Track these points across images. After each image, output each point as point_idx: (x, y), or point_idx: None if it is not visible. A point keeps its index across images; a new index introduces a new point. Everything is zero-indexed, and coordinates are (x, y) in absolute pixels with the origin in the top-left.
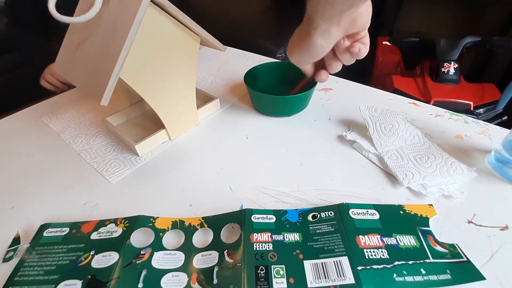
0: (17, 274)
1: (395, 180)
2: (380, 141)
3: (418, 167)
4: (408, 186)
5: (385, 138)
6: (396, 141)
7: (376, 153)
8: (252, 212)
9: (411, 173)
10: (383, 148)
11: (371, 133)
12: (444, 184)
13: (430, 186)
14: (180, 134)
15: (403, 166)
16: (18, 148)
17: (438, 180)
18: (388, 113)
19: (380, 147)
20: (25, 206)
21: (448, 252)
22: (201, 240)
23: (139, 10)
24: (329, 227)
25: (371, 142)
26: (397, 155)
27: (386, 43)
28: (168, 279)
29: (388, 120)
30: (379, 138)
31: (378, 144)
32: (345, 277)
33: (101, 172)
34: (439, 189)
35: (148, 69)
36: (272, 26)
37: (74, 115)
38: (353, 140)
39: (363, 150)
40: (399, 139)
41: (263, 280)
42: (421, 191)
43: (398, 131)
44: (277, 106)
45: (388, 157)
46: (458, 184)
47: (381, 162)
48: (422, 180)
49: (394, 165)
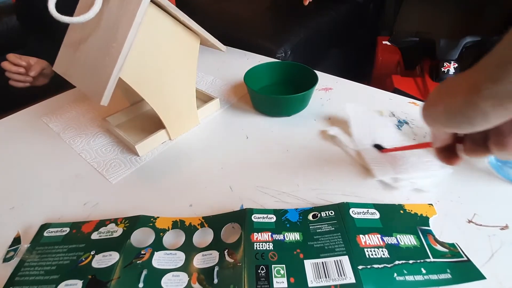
0: (18, 274)
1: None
2: (359, 137)
3: (392, 163)
4: (380, 179)
5: (364, 135)
6: (374, 139)
7: (354, 148)
8: (253, 211)
9: (386, 168)
10: (361, 145)
11: (352, 129)
12: (417, 178)
13: (403, 179)
14: (180, 134)
15: (378, 161)
16: (18, 148)
17: (411, 174)
18: (370, 112)
19: (359, 143)
20: (25, 206)
21: (448, 252)
22: (201, 240)
23: (139, 10)
24: (330, 227)
25: (351, 137)
26: (374, 151)
27: (386, 43)
28: (169, 279)
29: (368, 118)
30: (358, 135)
31: (358, 141)
32: (346, 277)
33: (101, 172)
34: (411, 183)
35: (148, 69)
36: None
37: (74, 115)
38: (335, 135)
39: (342, 145)
40: (376, 138)
41: (263, 280)
42: (392, 184)
43: (377, 130)
44: (277, 106)
45: (365, 153)
46: (431, 179)
47: (358, 156)
48: (395, 174)
49: (370, 160)
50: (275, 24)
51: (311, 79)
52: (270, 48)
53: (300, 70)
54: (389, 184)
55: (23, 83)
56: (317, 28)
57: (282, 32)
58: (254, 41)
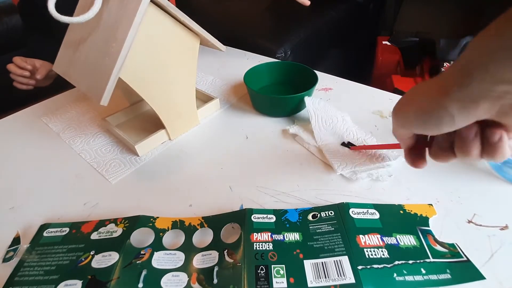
0: (17, 274)
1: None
2: (320, 134)
3: (351, 158)
4: (341, 173)
5: (325, 132)
6: (334, 136)
7: (316, 145)
8: (252, 211)
9: (345, 162)
10: (322, 141)
11: (313, 126)
12: (373, 169)
13: (361, 172)
14: (180, 134)
15: (339, 157)
16: (18, 148)
17: (368, 166)
18: (330, 108)
19: (320, 140)
20: (25, 206)
21: (448, 252)
22: (201, 240)
23: (138, 10)
24: (329, 227)
25: (312, 135)
26: (334, 147)
27: (386, 43)
28: (168, 279)
29: (328, 115)
30: (319, 132)
31: (319, 138)
32: (345, 277)
33: (101, 172)
34: (369, 174)
35: (148, 69)
36: (272, 26)
37: (74, 115)
38: (295, 133)
39: (304, 142)
40: (336, 134)
41: (263, 280)
42: (352, 177)
43: (336, 126)
44: (277, 106)
45: (326, 149)
46: (385, 169)
47: (319, 153)
48: (354, 167)
49: (330, 156)
50: (275, 24)
51: (311, 79)
52: (270, 48)
53: (300, 70)
54: (349, 177)
55: (26, 85)
56: (317, 28)
57: (282, 32)
58: (254, 41)
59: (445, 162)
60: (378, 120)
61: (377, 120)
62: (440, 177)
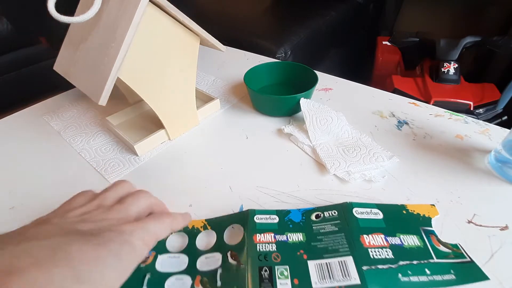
0: None
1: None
2: (314, 134)
3: (345, 157)
4: (334, 173)
5: (319, 132)
6: (328, 135)
7: (310, 145)
8: (255, 212)
9: (338, 162)
10: (316, 141)
11: (308, 126)
12: (366, 170)
13: (354, 172)
14: (179, 134)
15: (332, 157)
16: (19, 147)
17: (361, 167)
18: (325, 108)
19: (315, 139)
20: (25, 206)
21: (451, 252)
22: (204, 242)
23: (137, 10)
24: (333, 227)
25: (306, 134)
26: (328, 147)
27: (386, 43)
28: (172, 282)
29: (323, 115)
30: (314, 131)
31: (313, 137)
32: (350, 277)
33: (100, 171)
34: (362, 175)
35: (148, 69)
36: (272, 26)
37: (75, 114)
38: (290, 133)
39: (298, 142)
40: (331, 133)
41: (267, 281)
42: (345, 178)
43: (331, 126)
44: (277, 106)
45: (320, 149)
46: (379, 170)
47: (313, 153)
48: (347, 168)
49: (324, 156)
50: (275, 24)
51: (311, 79)
52: (270, 48)
53: (300, 70)
54: (343, 178)
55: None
56: (317, 28)
57: (282, 32)
58: (254, 41)
59: None
60: (378, 120)
61: (377, 120)
62: (440, 177)
